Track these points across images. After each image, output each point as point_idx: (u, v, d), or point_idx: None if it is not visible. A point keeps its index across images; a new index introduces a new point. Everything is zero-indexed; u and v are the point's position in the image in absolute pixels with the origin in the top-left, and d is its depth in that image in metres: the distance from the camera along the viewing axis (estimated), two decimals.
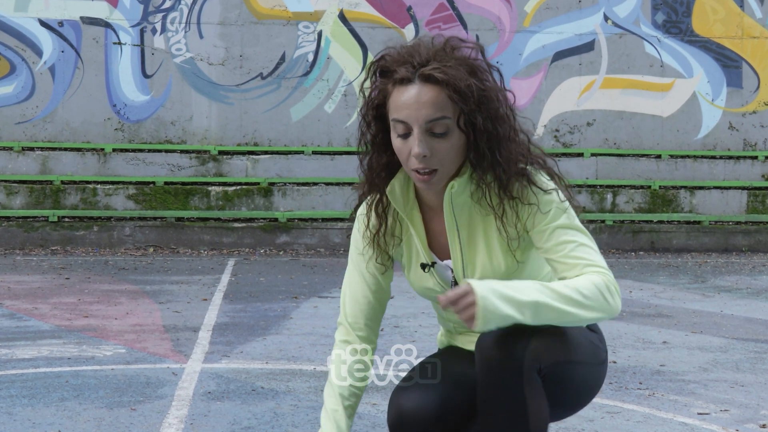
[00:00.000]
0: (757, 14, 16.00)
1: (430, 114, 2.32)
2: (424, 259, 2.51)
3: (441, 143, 2.34)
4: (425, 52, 2.35)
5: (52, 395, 4.55)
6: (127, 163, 14.63)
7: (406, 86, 2.33)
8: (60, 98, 14.93)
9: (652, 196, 14.86)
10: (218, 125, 15.21)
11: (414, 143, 2.33)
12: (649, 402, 4.60)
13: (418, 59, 2.34)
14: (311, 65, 15.29)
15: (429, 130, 2.33)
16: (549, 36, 15.55)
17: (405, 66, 2.34)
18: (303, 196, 14.34)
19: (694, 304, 8.33)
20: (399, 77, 2.33)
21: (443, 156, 2.35)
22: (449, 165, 2.37)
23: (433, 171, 2.35)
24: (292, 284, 9.46)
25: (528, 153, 2.44)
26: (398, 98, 2.34)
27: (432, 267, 2.51)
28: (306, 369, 5.25)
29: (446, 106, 2.32)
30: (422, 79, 2.32)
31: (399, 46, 2.40)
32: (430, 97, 2.31)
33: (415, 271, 2.55)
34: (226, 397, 4.54)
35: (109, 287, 9.01)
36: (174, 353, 5.69)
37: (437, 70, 2.31)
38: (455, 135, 2.35)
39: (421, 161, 2.33)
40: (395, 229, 2.54)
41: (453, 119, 2.33)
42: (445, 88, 2.31)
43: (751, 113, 15.99)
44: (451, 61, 2.33)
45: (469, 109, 2.33)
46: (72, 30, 14.94)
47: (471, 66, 2.35)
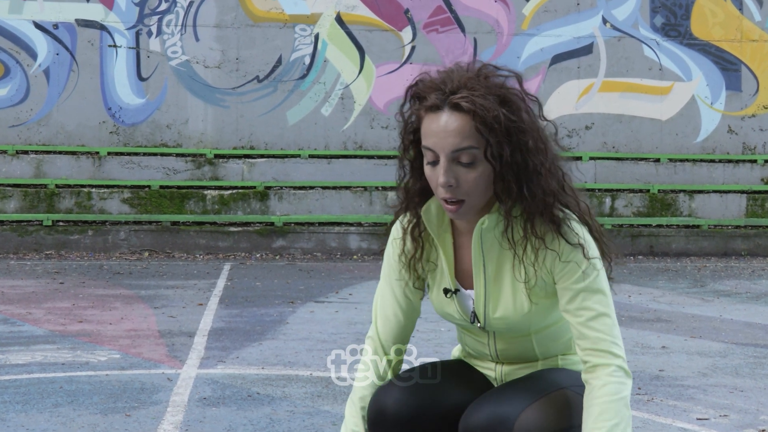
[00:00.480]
0: (756, 17, 15.99)
1: (457, 143, 2.29)
2: (448, 284, 2.50)
3: (468, 173, 2.31)
4: (457, 79, 2.32)
5: (46, 401, 4.54)
6: (122, 166, 14.59)
7: (435, 114, 2.31)
8: (55, 101, 14.90)
9: (651, 199, 14.84)
10: (214, 129, 15.18)
11: (440, 172, 2.31)
12: (648, 407, 4.59)
13: (449, 86, 2.31)
14: (308, 68, 15.27)
15: (455, 159, 2.30)
16: (547, 39, 15.55)
17: (436, 93, 2.31)
18: (299, 200, 14.30)
19: (693, 309, 8.32)
20: (429, 104, 2.31)
21: (470, 186, 2.32)
22: (477, 196, 2.34)
23: (461, 201, 2.33)
24: (289, 289, 9.44)
25: (561, 191, 2.39)
26: (428, 125, 2.31)
27: (455, 294, 2.50)
28: (302, 374, 5.24)
29: (473, 136, 2.28)
30: (451, 107, 2.29)
31: (435, 71, 2.38)
32: (456, 126, 2.28)
33: (437, 293, 2.54)
34: (221, 403, 4.54)
35: (103, 292, 8.99)
36: (169, 359, 5.69)
37: (465, 99, 2.27)
38: (483, 165, 2.31)
39: (447, 191, 2.32)
40: (431, 255, 2.53)
41: (480, 149, 2.29)
42: (472, 118, 2.27)
43: (751, 117, 15.99)
44: (482, 89, 2.29)
45: (496, 140, 2.28)
46: (67, 32, 14.91)
47: (502, 95, 2.31)
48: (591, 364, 2.37)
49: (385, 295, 2.56)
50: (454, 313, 2.52)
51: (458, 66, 2.36)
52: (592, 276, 2.37)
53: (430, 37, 15.42)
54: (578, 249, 2.35)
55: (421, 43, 15.41)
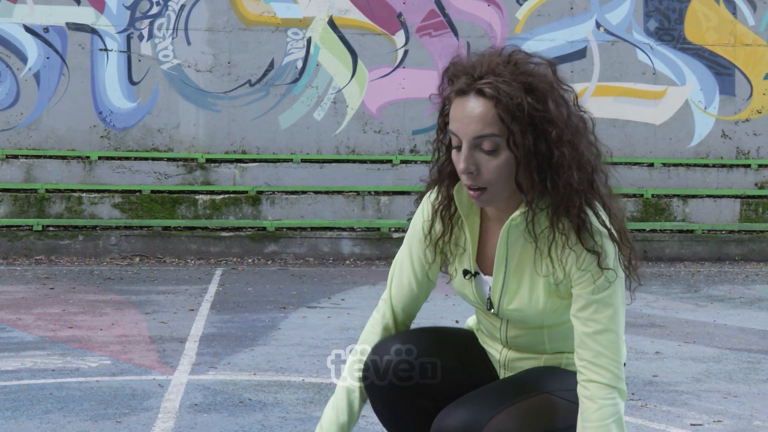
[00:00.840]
0: (750, 21, 15.99)
1: (478, 130, 2.27)
2: (469, 266, 2.50)
3: (490, 161, 2.28)
4: (487, 63, 2.30)
5: (36, 408, 4.54)
6: (113, 171, 14.52)
7: (462, 98, 2.29)
8: (45, 105, 14.84)
9: (644, 204, 14.81)
10: (206, 133, 15.13)
11: (461, 158, 2.30)
12: (641, 413, 4.59)
13: (478, 71, 2.29)
14: (300, 72, 15.22)
15: (478, 145, 2.28)
16: (541, 43, 15.49)
17: (466, 76, 2.30)
18: (292, 204, 14.25)
19: (686, 314, 8.32)
20: (457, 88, 2.30)
21: (491, 175, 2.29)
22: (499, 184, 2.31)
23: (483, 188, 2.31)
24: (281, 294, 9.41)
25: (589, 188, 2.35)
26: (455, 110, 2.31)
27: (474, 276, 2.50)
28: (294, 381, 5.23)
29: (495, 123, 2.26)
30: (476, 92, 2.27)
31: (471, 54, 2.37)
32: (480, 113, 2.26)
33: (458, 273, 2.54)
34: (213, 409, 4.54)
35: (94, 297, 8.96)
36: (160, 365, 5.68)
37: (489, 85, 2.25)
38: (505, 153, 2.29)
39: (468, 178, 2.30)
40: (459, 239, 2.52)
41: (503, 137, 2.27)
42: (495, 105, 2.25)
43: (744, 121, 15.97)
44: (509, 75, 2.27)
45: (519, 128, 2.26)
46: (57, 36, 14.85)
47: (529, 83, 2.27)
48: (587, 378, 2.35)
49: (404, 263, 2.57)
50: (470, 294, 2.53)
51: (492, 50, 2.34)
52: (606, 289, 2.34)
53: (423, 41, 15.38)
54: (594, 257, 2.32)
55: (414, 47, 15.37)
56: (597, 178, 2.39)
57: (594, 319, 2.33)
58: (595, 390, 2.32)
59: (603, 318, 2.33)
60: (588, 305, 2.34)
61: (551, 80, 2.31)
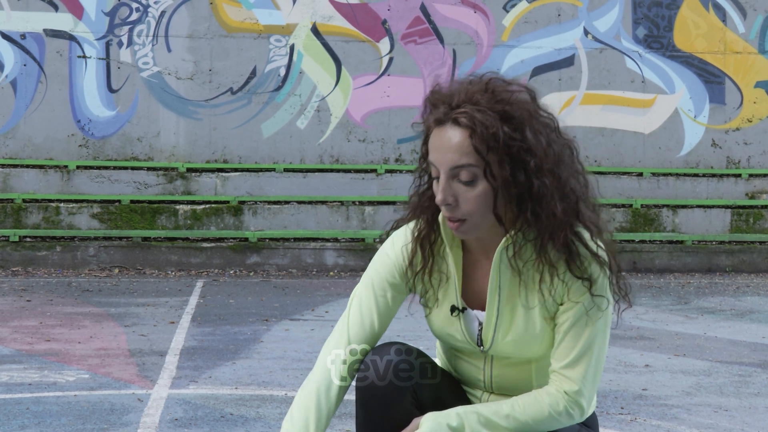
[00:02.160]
0: (740, 29, 16.03)
1: (455, 160, 2.25)
2: (455, 301, 2.46)
3: (468, 191, 2.27)
4: (465, 92, 2.28)
5: (12, 423, 4.52)
6: (91, 180, 14.45)
7: (440, 128, 2.29)
8: (22, 113, 14.76)
9: (633, 215, 14.79)
10: (186, 142, 15.08)
11: (438, 188, 2.29)
12: (630, 427, 4.62)
13: (456, 100, 2.28)
14: (283, 80, 15.19)
15: (455, 176, 2.27)
16: (528, 50, 15.52)
17: (444, 105, 2.29)
18: (274, 215, 14.18)
19: (676, 326, 8.36)
20: (435, 117, 2.30)
21: (470, 206, 2.28)
22: (479, 216, 2.29)
23: (462, 220, 2.30)
24: (263, 306, 9.45)
25: (574, 218, 2.30)
26: (433, 139, 2.30)
27: (461, 312, 2.46)
28: (277, 395, 5.24)
29: (471, 154, 2.25)
30: (453, 122, 2.26)
31: (452, 81, 2.34)
32: (456, 143, 2.25)
33: (441, 310, 2.49)
34: (193, 424, 4.53)
35: (72, 310, 8.95)
36: (140, 378, 5.69)
37: (464, 114, 2.24)
38: (483, 184, 2.27)
39: (446, 209, 2.29)
40: (441, 266, 2.46)
41: (480, 168, 2.26)
42: (470, 135, 2.24)
43: (735, 130, 15.98)
44: (485, 104, 2.25)
45: (495, 159, 2.24)
46: (35, 42, 14.79)
47: (506, 111, 2.25)
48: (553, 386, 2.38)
49: (363, 300, 2.49)
50: (456, 333, 2.47)
51: (471, 78, 2.33)
52: (594, 319, 2.34)
53: (408, 49, 15.34)
54: (585, 287, 2.32)
55: (399, 55, 15.34)
56: (583, 206, 2.34)
57: (573, 347, 2.35)
58: (555, 392, 2.36)
59: (583, 345, 2.35)
60: (570, 328, 2.35)
61: (530, 108, 2.29)
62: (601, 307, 2.33)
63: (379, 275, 2.49)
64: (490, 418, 2.33)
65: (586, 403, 2.38)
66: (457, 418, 2.32)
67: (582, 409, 2.37)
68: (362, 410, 2.46)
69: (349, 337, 2.47)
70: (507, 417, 2.33)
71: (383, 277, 2.48)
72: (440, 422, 2.31)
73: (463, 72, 15.34)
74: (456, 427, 2.31)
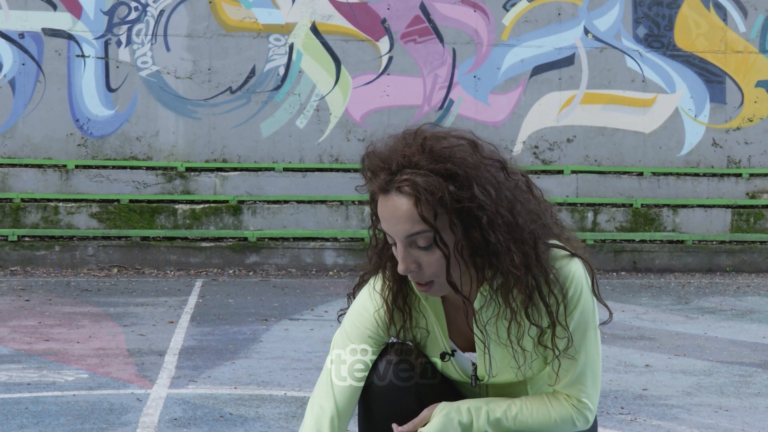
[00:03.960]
0: (741, 28, 16.00)
1: (408, 229, 2.18)
2: (444, 348, 2.44)
3: (428, 256, 2.21)
4: (401, 154, 2.19)
5: (11, 422, 4.52)
6: (90, 180, 14.43)
7: (385, 196, 2.21)
8: (20, 113, 14.74)
9: (634, 214, 14.77)
10: (185, 141, 15.05)
11: (399, 258, 2.23)
12: (631, 427, 4.61)
13: (395, 165, 2.19)
14: (282, 79, 15.16)
15: (413, 243, 2.21)
16: (528, 50, 15.50)
17: (384, 172, 2.20)
18: (273, 214, 14.16)
19: (677, 326, 8.34)
20: (378, 186, 2.21)
21: (435, 269, 2.22)
22: (444, 275, 2.23)
23: (430, 282, 2.25)
24: (262, 306, 9.44)
25: (536, 261, 2.23)
26: (381, 208, 2.23)
27: (452, 356, 2.44)
28: (276, 394, 5.23)
29: (421, 221, 2.18)
30: (396, 190, 2.18)
31: (384, 142, 2.25)
32: (404, 212, 2.18)
33: (433, 357, 2.47)
34: (192, 424, 4.52)
35: (71, 309, 8.93)
36: (139, 378, 5.67)
37: (407, 182, 2.16)
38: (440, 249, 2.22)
39: (412, 276, 2.25)
40: (420, 321, 2.43)
41: (432, 232, 2.19)
42: (416, 203, 2.16)
43: (735, 129, 15.95)
44: (426, 166, 2.16)
45: (446, 223, 2.18)
46: (33, 42, 14.77)
47: (448, 171, 2.16)
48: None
49: (336, 380, 2.42)
50: (451, 373, 2.47)
51: (404, 136, 2.23)
52: (584, 334, 2.33)
53: (407, 48, 15.31)
54: (562, 325, 2.29)
55: (399, 54, 15.31)
56: (541, 245, 2.25)
57: (576, 364, 2.35)
58: (564, 402, 2.37)
59: (583, 359, 2.36)
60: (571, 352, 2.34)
61: (473, 160, 2.19)
62: (587, 320, 2.32)
63: (356, 337, 2.43)
64: (500, 418, 2.33)
65: (592, 416, 2.39)
66: (468, 414, 2.32)
67: (587, 421, 2.39)
68: (365, 410, 2.46)
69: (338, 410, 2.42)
70: (515, 418, 2.34)
71: (360, 340, 2.43)
72: (452, 418, 2.31)
73: (462, 72, 15.32)
74: (466, 424, 2.31)
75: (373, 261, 2.40)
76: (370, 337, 2.42)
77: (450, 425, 2.30)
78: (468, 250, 2.21)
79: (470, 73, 15.32)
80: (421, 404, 2.42)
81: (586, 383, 2.35)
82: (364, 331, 2.43)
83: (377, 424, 2.45)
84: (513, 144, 15.35)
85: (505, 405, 2.34)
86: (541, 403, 2.36)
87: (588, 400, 2.36)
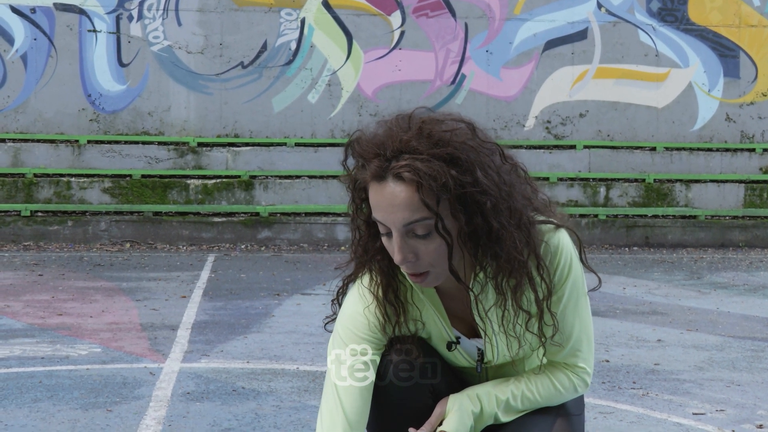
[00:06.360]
0: (755, 2, 15.89)
1: (406, 217, 2.08)
2: (448, 336, 2.39)
3: (426, 245, 2.12)
4: (397, 139, 2.08)
5: (25, 396, 4.55)
6: (102, 155, 14.44)
7: (380, 183, 2.09)
8: (32, 88, 14.72)
9: (646, 189, 14.73)
10: (197, 116, 15.02)
11: (395, 248, 2.13)
12: (643, 402, 4.63)
13: (390, 151, 2.08)
14: (294, 54, 15.10)
15: (410, 231, 2.11)
16: (540, 24, 15.38)
17: (377, 158, 2.09)
18: (285, 189, 14.16)
19: (689, 301, 8.33)
20: (372, 173, 2.10)
21: (432, 258, 2.14)
22: (442, 265, 2.16)
23: (425, 272, 2.17)
24: (274, 281, 9.46)
25: (530, 241, 2.20)
26: (374, 196, 2.11)
27: (457, 344, 2.40)
28: (288, 369, 5.25)
29: (423, 208, 2.08)
30: (394, 177, 2.08)
31: (373, 129, 2.14)
32: (403, 199, 2.08)
33: (438, 347, 2.43)
34: (205, 398, 4.55)
35: (84, 284, 8.94)
36: (151, 352, 5.69)
37: (406, 168, 2.05)
38: (440, 237, 2.14)
39: (408, 267, 2.16)
40: (414, 313, 2.36)
41: (434, 219, 2.10)
42: (417, 190, 2.07)
43: (749, 104, 15.86)
44: (425, 152, 2.07)
45: (449, 210, 2.10)
46: (45, 17, 14.72)
47: (450, 155, 2.08)
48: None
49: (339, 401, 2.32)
50: (461, 361, 2.44)
51: (398, 121, 2.13)
52: (575, 303, 2.31)
53: (419, 22, 15.22)
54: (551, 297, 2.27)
55: (411, 29, 15.22)
56: (534, 231, 2.22)
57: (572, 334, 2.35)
58: (565, 371, 2.40)
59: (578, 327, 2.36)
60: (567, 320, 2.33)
61: (473, 144, 2.11)
62: (579, 288, 2.30)
63: (353, 341, 2.34)
64: (507, 399, 2.34)
65: (590, 378, 2.42)
66: (477, 402, 2.32)
67: (587, 384, 2.42)
68: (376, 408, 2.40)
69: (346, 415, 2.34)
70: (522, 397, 2.36)
71: (357, 341, 2.34)
72: (465, 408, 2.31)
73: (474, 46, 15.24)
74: (477, 412, 2.32)
75: (357, 256, 2.29)
76: (367, 338, 2.34)
77: (465, 417, 2.29)
78: (469, 237, 2.14)
79: (482, 48, 15.23)
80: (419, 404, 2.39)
81: (582, 348, 2.36)
82: (360, 334, 2.34)
83: (388, 425, 2.43)
84: (525, 119, 15.30)
85: (510, 386, 2.35)
86: (543, 378, 2.37)
87: (585, 365, 2.38)
